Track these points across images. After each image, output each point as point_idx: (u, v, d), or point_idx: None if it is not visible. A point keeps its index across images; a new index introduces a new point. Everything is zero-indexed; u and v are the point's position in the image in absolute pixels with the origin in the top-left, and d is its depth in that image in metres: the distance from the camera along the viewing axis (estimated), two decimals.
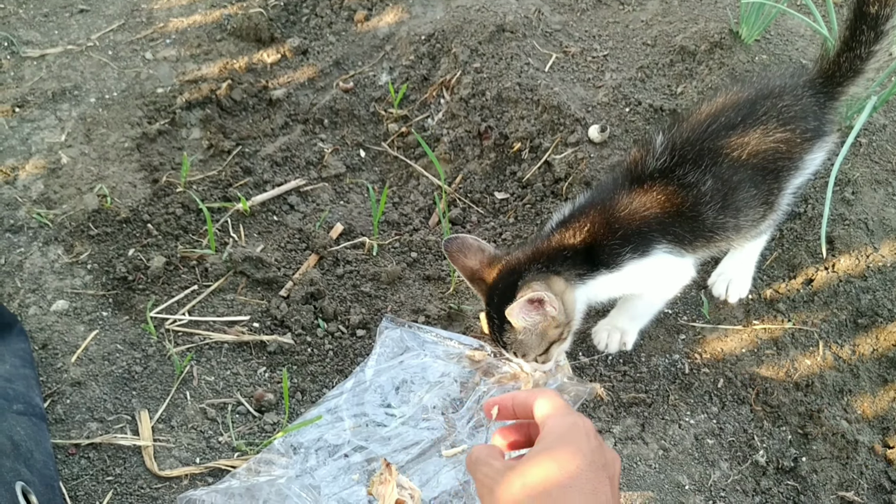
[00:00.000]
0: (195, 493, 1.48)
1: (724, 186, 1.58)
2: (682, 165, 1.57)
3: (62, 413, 1.71)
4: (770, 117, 1.61)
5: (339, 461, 1.59)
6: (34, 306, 1.89)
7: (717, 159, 1.57)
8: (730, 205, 1.59)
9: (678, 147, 1.59)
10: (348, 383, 1.74)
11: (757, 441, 1.70)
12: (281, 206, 2.17)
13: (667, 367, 1.80)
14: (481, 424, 1.67)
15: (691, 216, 1.58)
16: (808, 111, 1.65)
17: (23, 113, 2.30)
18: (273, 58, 2.50)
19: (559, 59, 2.36)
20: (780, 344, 1.83)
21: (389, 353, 1.80)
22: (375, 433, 1.65)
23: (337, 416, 1.67)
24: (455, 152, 2.26)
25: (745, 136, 1.59)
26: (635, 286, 1.69)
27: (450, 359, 1.80)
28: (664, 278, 1.69)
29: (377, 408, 1.69)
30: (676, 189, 1.57)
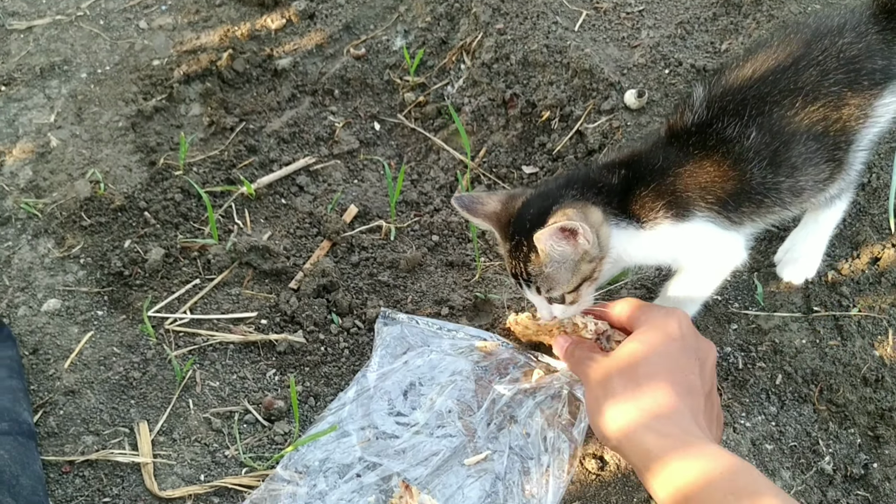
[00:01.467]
0: None
1: (774, 140, 1.38)
2: (722, 117, 1.40)
3: (55, 426, 1.56)
4: (829, 57, 1.40)
5: (350, 482, 1.43)
6: (24, 306, 1.74)
7: (764, 108, 1.38)
8: (782, 161, 1.40)
9: (718, 98, 1.42)
10: (350, 392, 1.58)
11: (822, 445, 1.53)
12: (289, 187, 1.99)
13: (718, 362, 1.62)
14: (503, 427, 1.51)
15: (734, 175, 1.40)
16: (875, 50, 1.44)
17: (9, 91, 2.13)
18: (278, 23, 2.30)
19: (590, 16, 2.15)
20: (845, 333, 1.65)
21: (392, 354, 1.64)
22: (387, 447, 1.49)
23: (342, 430, 1.51)
24: (478, 123, 2.07)
25: (798, 81, 1.39)
26: (672, 254, 1.50)
27: (458, 353, 1.63)
28: (706, 253, 1.49)
29: (386, 417, 1.53)
30: (716, 144, 1.40)
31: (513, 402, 1.55)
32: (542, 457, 1.47)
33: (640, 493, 1.46)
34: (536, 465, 1.46)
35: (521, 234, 1.38)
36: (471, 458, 1.48)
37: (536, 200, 1.41)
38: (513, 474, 1.46)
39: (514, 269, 1.43)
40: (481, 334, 1.66)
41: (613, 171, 1.45)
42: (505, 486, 1.44)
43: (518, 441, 1.50)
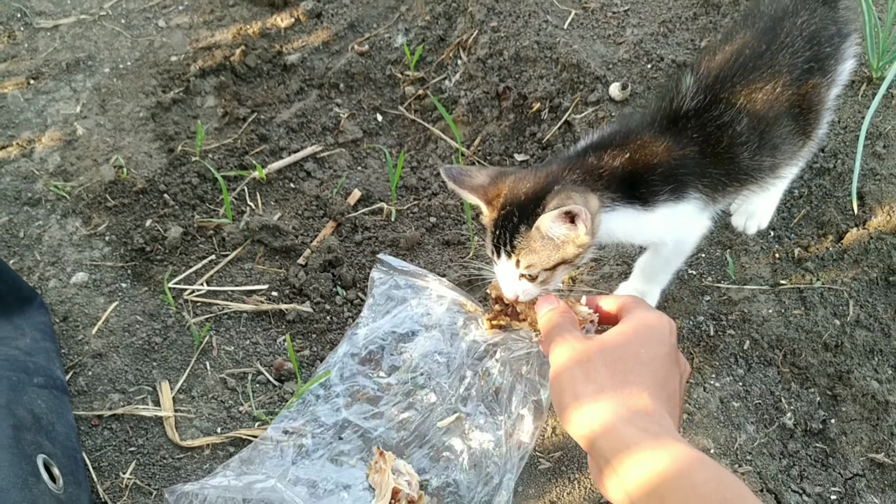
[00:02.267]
0: (186, 487, 1.44)
1: (761, 123, 1.50)
2: (716, 105, 1.49)
3: (84, 385, 1.71)
4: (795, 38, 1.53)
5: (334, 444, 1.56)
6: (54, 279, 1.89)
7: (751, 96, 1.49)
8: (766, 143, 1.52)
9: (709, 86, 1.50)
10: (340, 350, 1.70)
11: (784, 403, 1.67)
12: (297, 172, 2.14)
13: (691, 330, 1.77)
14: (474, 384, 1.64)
15: (727, 158, 1.50)
16: (826, 18, 1.57)
17: (38, 85, 2.28)
18: (287, 22, 2.46)
19: (578, 15, 2.30)
20: (808, 304, 1.79)
21: (381, 310, 1.76)
22: (369, 410, 1.62)
23: (330, 391, 1.64)
24: (473, 114, 2.22)
25: (774, 64, 1.50)
26: (657, 233, 1.59)
27: (441, 304, 1.75)
28: (684, 229, 1.61)
29: (369, 379, 1.66)
30: (713, 130, 1.49)
31: (486, 354, 1.68)
32: (510, 417, 1.59)
33: None
34: (504, 424, 1.58)
35: (514, 206, 1.40)
36: (443, 421, 1.59)
37: (536, 177, 1.43)
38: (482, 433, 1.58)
39: (497, 239, 1.43)
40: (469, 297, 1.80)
41: (614, 156, 1.48)
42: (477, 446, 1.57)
43: (488, 399, 1.62)
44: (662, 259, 1.71)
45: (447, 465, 1.54)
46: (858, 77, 2.07)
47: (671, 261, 1.71)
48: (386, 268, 1.81)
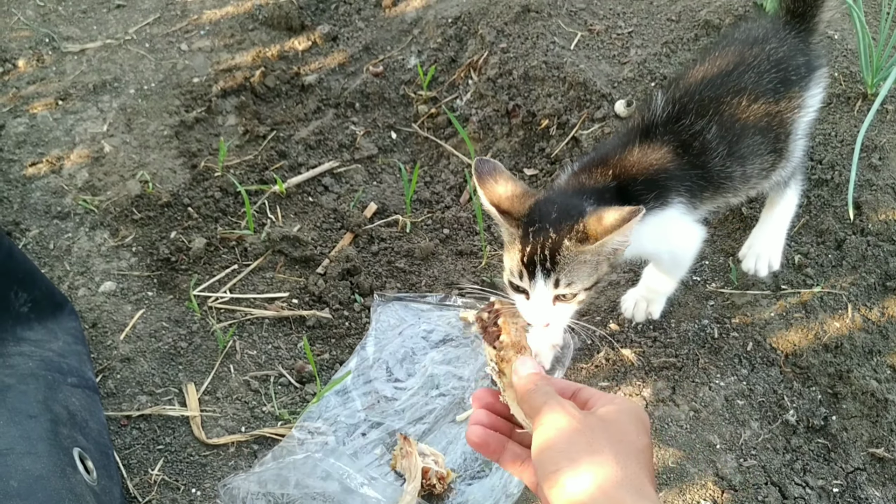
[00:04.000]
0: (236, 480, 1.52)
1: (728, 134, 1.59)
2: (686, 115, 1.57)
3: (113, 387, 1.78)
4: (761, 61, 1.63)
5: (357, 440, 1.64)
6: (83, 288, 1.97)
7: (719, 108, 1.58)
8: (734, 152, 1.60)
9: (678, 99, 1.60)
10: (351, 363, 1.79)
11: (787, 401, 1.73)
12: (316, 187, 2.23)
13: (696, 333, 1.84)
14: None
15: (700, 164, 1.58)
16: (795, 49, 1.68)
17: (66, 105, 2.38)
18: (304, 45, 2.56)
19: (584, 37, 2.39)
20: (808, 308, 1.86)
21: (386, 327, 1.86)
22: (388, 408, 1.70)
23: (347, 396, 1.72)
24: (484, 131, 2.30)
25: (740, 83, 1.60)
26: (652, 244, 1.62)
27: (448, 324, 1.85)
28: (677, 238, 1.67)
29: (385, 384, 1.75)
30: (684, 139, 1.57)
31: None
32: None
33: None
34: None
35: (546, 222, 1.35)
36: (461, 415, 1.69)
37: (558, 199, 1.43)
38: None
39: (533, 255, 1.36)
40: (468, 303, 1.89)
41: (607, 177, 1.52)
42: None
43: None
44: (665, 270, 1.79)
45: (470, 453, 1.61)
46: (854, 93, 2.15)
47: (672, 271, 1.79)
48: (384, 299, 1.91)
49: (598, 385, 1.75)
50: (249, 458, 1.67)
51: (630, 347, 1.82)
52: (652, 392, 1.74)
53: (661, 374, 1.77)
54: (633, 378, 1.77)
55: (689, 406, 1.72)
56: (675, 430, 1.68)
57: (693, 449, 1.65)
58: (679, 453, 1.64)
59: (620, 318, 1.88)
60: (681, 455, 1.64)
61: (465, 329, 1.83)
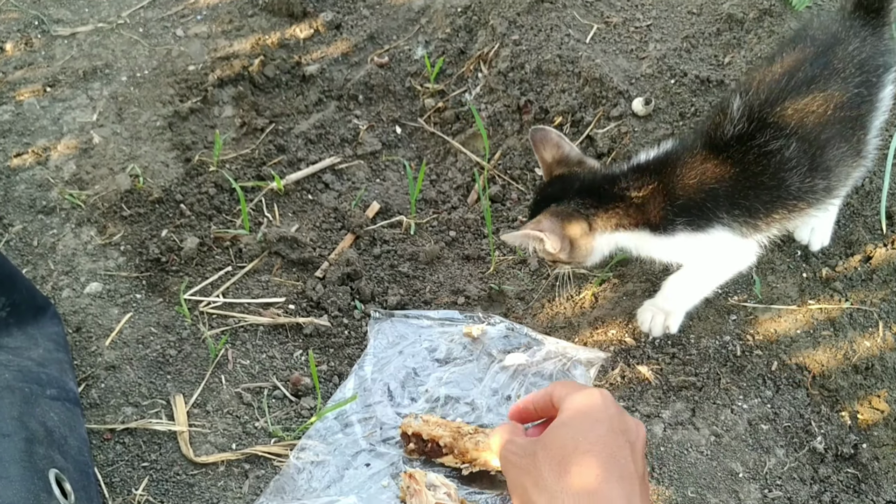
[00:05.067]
0: None
1: (812, 147, 1.49)
2: (763, 130, 1.48)
3: (97, 397, 1.67)
4: (847, 64, 1.53)
5: (360, 470, 1.52)
6: (67, 288, 1.86)
7: (802, 118, 1.48)
8: (818, 165, 1.51)
9: (757, 110, 1.50)
10: (349, 384, 1.67)
11: (814, 426, 1.62)
12: (315, 184, 2.11)
13: (717, 350, 1.73)
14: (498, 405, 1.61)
15: (772, 185, 1.50)
16: (874, 47, 1.58)
17: (54, 92, 2.26)
18: (306, 33, 2.43)
19: (600, 29, 2.27)
20: (837, 325, 1.75)
21: (385, 345, 1.74)
22: (392, 436, 1.58)
23: (346, 420, 1.60)
24: (494, 128, 2.19)
25: (827, 89, 1.50)
26: (684, 257, 1.63)
27: (451, 341, 1.74)
28: (719, 258, 1.62)
29: (387, 408, 1.62)
30: (756, 157, 1.48)
31: (512, 380, 1.65)
32: None
33: None
34: None
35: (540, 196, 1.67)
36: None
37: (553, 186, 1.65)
38: None
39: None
40: (472, 317, 1.78)
41: (640, 180, 1.56)
42: None
43: None
44: (692, 282, 1.69)
45: None
46: None
47: (701, 286, 1.70)
48: (381, 315, 1.79)
49: None
50: (240, 478, 1.56)
51: (647, 364, 1.71)
52: (671, 414, 1.63)
53: (680, 394, 1.67)
54: (650, 398, 1.66)
55: (709, 430, 1.61)
56: (696, 456, 1.57)
57: (714, 477, 1.55)
58: (699, 482, 1.54)
59: (636, 332, 1.78)
60: (701, 484, 1.54)
61: (470, 345, 1.72)
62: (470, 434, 1.49)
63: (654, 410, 1.64)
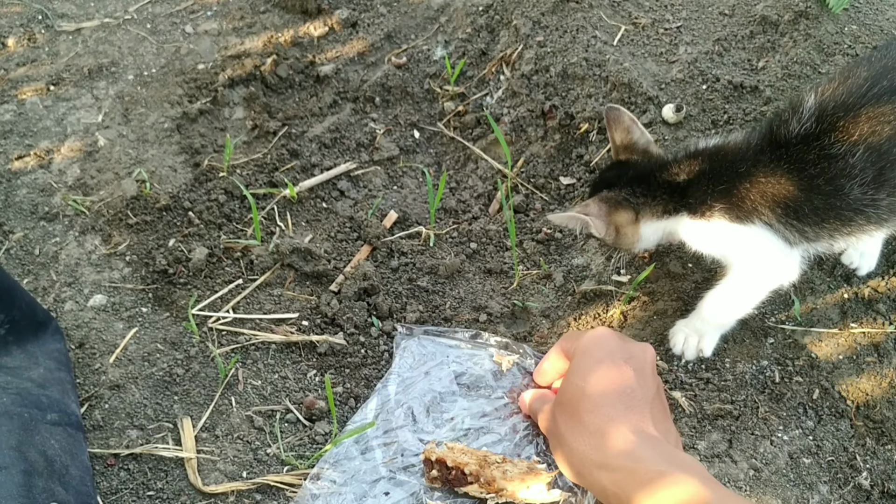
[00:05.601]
0: None
1: (881, 159, 1.39)
2: (830, 133, 1.41)
3: (100, 419, 1.59)
4: None
5: (379, 499, 1.42)
6: (70, 301, 1.77)
7: (876, 128, 1.38)
8: (886, 180, 1.41)
9: (829, 111, 1.42)
10: (371, 405, 1.57)
11: (859, 461, 1.53)
12: (330, 191, 2.02)
13: (754, 375, 1.64)
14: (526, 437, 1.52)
15: (828, 191, 1.42)
16: None
17: (58, 91, 2.17)
18: (320, 31, 2.33)
19: (628, 31, 2.17)
20: (881, 350, 1.66)
21: (410, 364, 1.64)
22: (413, 463, 1.48)
23: (366, 444, 1.50)
24: (517, 133, 2.09)
25: None
26: (720, 250, 1.57)
27: (480, 367, 1.63)
28: (758, 265, 1.53)
29: (409, 433, 1.51)
30: (817, 159, 1.41)
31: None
32: None
33: None
34: None
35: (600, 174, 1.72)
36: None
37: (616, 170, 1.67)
38: None
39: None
40: (501, 342, 1.68)
41: (689, 164, 1.56)
42: None
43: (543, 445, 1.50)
44: (730, 296, 1.59)
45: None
46: None
47: (739, 301, 1.60)
48: (407, 330, 1.70)
49: None
50: None
51: (680, 390, 1.62)
52: (706, 445, 1.54)
53: (716, 423, 1.58)
54: (683, 427, 1.57)
55: (748, 464, 1.52)
56: (734, 491, 1.48)
57: None
58: None
59: (668, 355, 1.68)
60: None
61: (499, 376, 1.62)
62: (497, 463, 1.40)
63: (688, 441, 1.55)
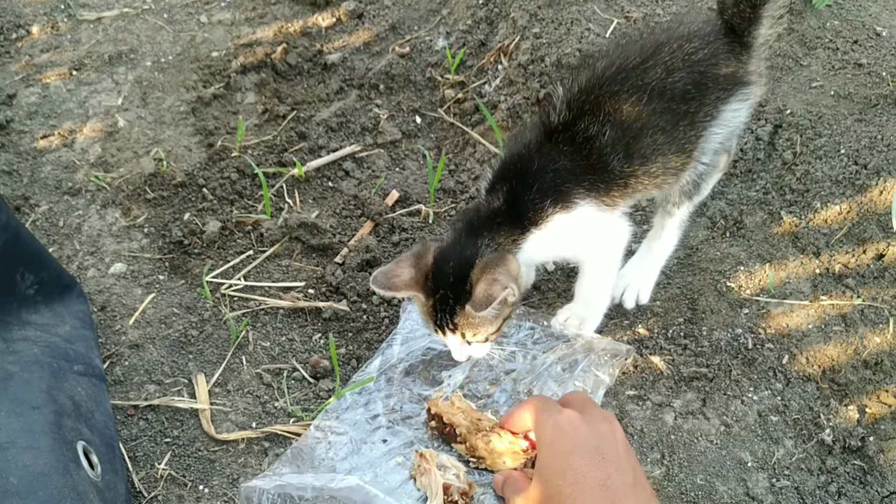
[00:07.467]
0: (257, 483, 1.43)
1: (626, 134, 1.50)
2: (582, 118, 1.49)
3: (121, 375, 1.72)
4: (675, 58, 1.52)
5: (377, 446, 1.55)
6: (92, 269, 1.90)
7: (616, 106, 1.49)
8: (633, 152, 1.52)
9: (575, 99, 1.51)
10: (375, 363, 1.69)
11: (823, 419, 1.65)
12: (336, 171, 2.15)
13: (729, 342, 1.76)
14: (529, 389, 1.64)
15: (601, 166, 1.51)
16: (720, 56, 1.56)
17: (80, 76, 2.30)
18: (328, 21, 2.47)
19: (620, 24, 2.29)
20: (848, 320, 1.77)
21: (414, 326, 1.75)
22: (411, 415, 1.61)
23: (369, 397, 1.63)
24: (513, 119, 2.21)
25: (644, 79, 1.50)
26: (570, 246, 1.61)
27: None
28: (597, 236, 1.61)
29: (409, 389, 1.65)
30: (582, 142, 1.50)
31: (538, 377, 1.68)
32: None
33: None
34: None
35: (445, 288, 1.48)
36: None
37: (452, 252, 1.50)
38: None
39: (438, 321, 1.51)
40: None
41: (498, 193, 1.53)
42: None
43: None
44: (591, 277, 1.70)
45: None
46: None
47: (600, 275, 1.69)
48: None
49: (624, 393, 1.67)
50: (260, 455, 1.60)
51: (659, 354, 1.74)
52: (682, 403, 1.66)
53: (692, 384, 1.70)
54: (661, 387, 1.69)
55: (720, 420, 1.64)
56: (705, 444, 1.60)
57: (723, 466, 1.58)
58: (708, 470, 1.57)
59: (650, 323, 1.81)
60: (710, 472, 1.57)
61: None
62: (486, 431, 1.50)
63: (665, 400, 1.67)
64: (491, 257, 1.46)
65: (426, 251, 1.53)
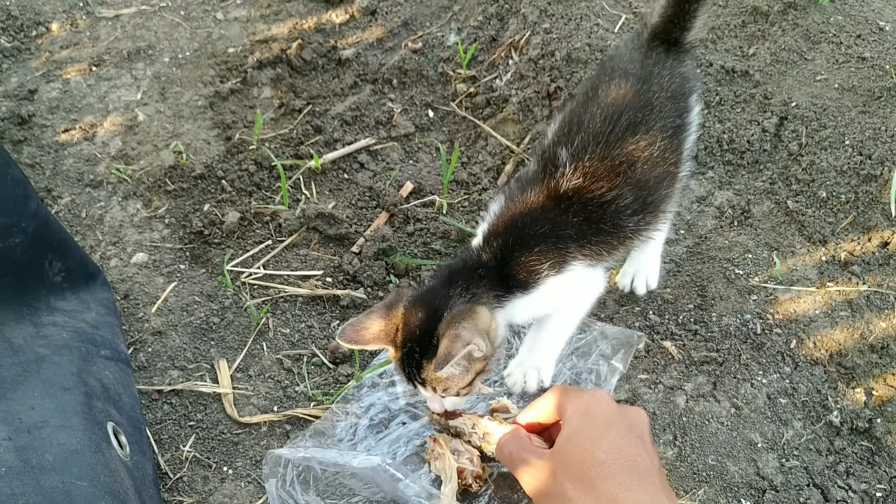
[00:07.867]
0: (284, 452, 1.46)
1: (642, 191, 1.48)
2: (595, 182, 1.44)
3: (144, 360, 1.76)
4: (662, 100, 1.51)
5: (397, 429, 1.59)
6: (115, 258, 1.94)
7: (633, 165, 1.46)
8: (649, 206, 1.51)
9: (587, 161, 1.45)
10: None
11: (831, 402, 1.69)
12: (351, 164, 2.19)
13: (738, 328, 1.80)
14: None
15: (610, 230, 1.48)
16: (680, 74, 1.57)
17: (99, 71, 2.35)
18: (342, 18, 2.51)
19: (629, 19, 2.34)
20: (854, 306, 1.82)
21: None
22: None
23: (390, 380, 1.67)
24: (524, 113, 2.26)
25: (650, 129, 1.48)
26: (552, 304, 1.55)
27: None
28: (579, 290, 1.57)
29: None
30: (595, 208, 1.46)
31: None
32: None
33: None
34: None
35: (412, 341, 1.37)
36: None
37: (422, 303, 1.40)
38: None
39: (407, 374, 1.41)
40: None
41: (490, 247, 1.46)
42: None
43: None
44: (556, 328, 1.63)
45: None
46: None
47: (564, 328, 1.63)
48: None
49: (637, 377, 1.72)
50: (282, 438, 1.64)
51: (671, 340, 1.79)
52: (693, 387, 1.70)
53: (702, 368, 1.74)
54: (673, 371, 1.73)
55: (730, 403, 1.68)
56: (716, 426, 1.64)
57: (734, 447, 1.62)
58: (719, 451, 1.61)
59: (660, 309, 1.85)
60: (721, 452, 1.61)
61: None
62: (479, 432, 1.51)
63: (676, 383, 1.71)
64: (458, 311, 1.36)
65: (398, 301, 1.43)
